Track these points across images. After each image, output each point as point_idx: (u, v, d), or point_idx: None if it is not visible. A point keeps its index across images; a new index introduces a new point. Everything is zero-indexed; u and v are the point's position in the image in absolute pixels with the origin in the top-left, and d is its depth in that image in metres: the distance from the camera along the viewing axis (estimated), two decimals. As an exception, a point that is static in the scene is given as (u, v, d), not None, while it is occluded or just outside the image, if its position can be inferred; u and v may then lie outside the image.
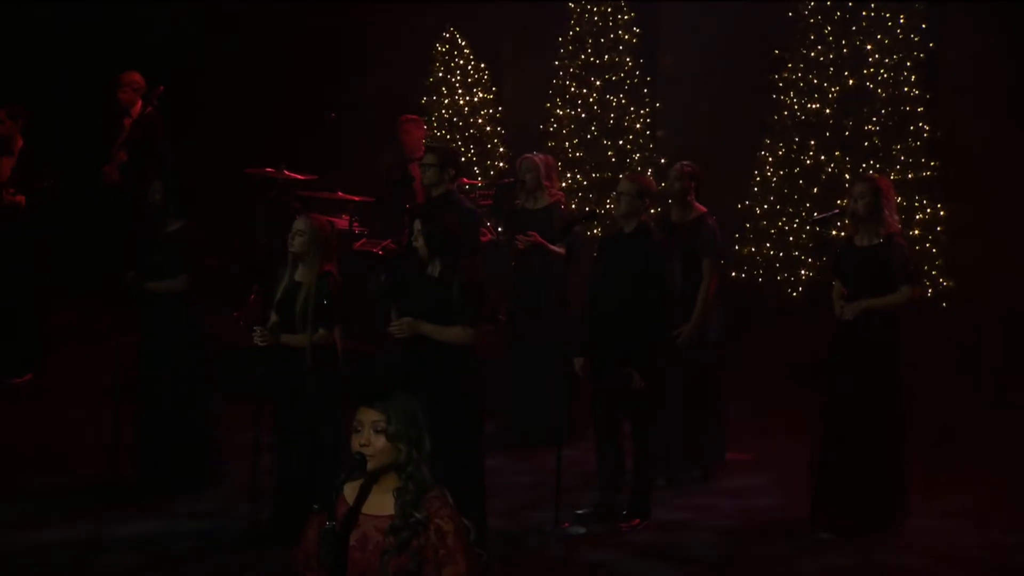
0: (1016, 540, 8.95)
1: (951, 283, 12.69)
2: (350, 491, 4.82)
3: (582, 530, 9.07)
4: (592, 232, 13.36)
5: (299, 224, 8.53)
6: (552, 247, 10.33)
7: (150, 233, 9.58)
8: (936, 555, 8.69)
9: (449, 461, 7.90)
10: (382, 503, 4.76)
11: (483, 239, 12.00)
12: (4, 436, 10.61)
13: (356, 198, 12.42)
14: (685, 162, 10.12)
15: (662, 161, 13.71)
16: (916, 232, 12.71)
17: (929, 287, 12.62)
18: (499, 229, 12.34)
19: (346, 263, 9.55)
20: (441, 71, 15.08)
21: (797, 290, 12.99)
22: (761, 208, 13.26)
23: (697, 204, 10.01)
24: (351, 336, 9.57)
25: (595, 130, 14.38)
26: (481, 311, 8.06)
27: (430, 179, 9.56)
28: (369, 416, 4.72)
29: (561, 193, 11.03)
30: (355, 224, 12.37)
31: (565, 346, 9.61)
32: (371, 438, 4.71)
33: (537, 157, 10.91)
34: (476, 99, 15.01)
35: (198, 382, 9.53)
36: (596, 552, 8.69)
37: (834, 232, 12.16)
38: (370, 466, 4.72)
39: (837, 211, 9.25)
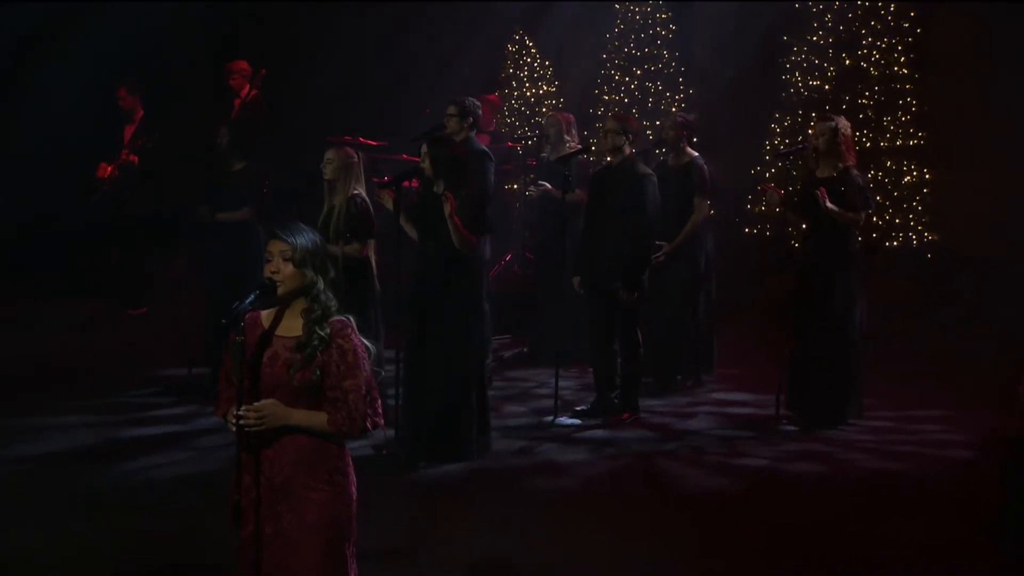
0: (948, 438, 8.52)
1: (935, 236, 12.14)
2: (266, 316, 4.62)
3: (577, 421, 8.84)
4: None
5: (328, 154, 8.44)
6: (554, 191, 9.93)
7: (218, 173, 9.49)
8: (867, 448, 8.28)
9: (457, 360, 7.76)
10: (291, 326, 4.58)
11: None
12: (121, 349, 11.01)
13: (417, 159, 12.19)
14: (679, 113, 9.84)
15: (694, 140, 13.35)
16: (905, 193, 12.20)
17: (915, 240, 12.12)
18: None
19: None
20: (512, 67, 14.84)
21: (800, 241, 12.50)
22: (770, 172, 12.81)
23: (689, 150, 9.71)
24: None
25: (636, 113, 14.02)
26: (477, 220, 7.81)
27: (453, 127, 9.36)
28: (277, 247, 4.52)
29: (580, 146, 10.72)
30: (415, 182, 12.16)
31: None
32: (280, 266, 4.50)
33: (559, 115, 10.68)
34: (541, 91, 14.75)
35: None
36: (541, 443, 8.34)
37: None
38: (280, 291, 4.52)
39: (800, 146, 8.84)
